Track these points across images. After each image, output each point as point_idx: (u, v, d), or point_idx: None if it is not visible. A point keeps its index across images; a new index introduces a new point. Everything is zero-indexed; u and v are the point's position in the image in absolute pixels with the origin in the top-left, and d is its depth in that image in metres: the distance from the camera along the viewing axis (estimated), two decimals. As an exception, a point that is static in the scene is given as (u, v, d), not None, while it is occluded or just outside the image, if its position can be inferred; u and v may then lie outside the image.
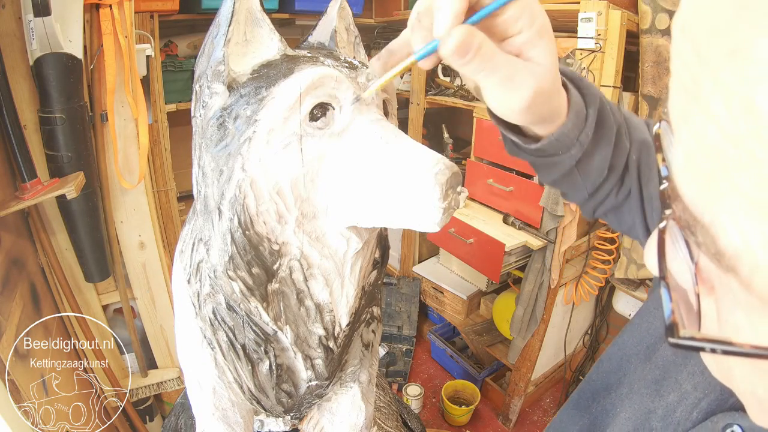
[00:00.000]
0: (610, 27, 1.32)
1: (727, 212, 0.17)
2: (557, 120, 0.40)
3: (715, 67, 0.17)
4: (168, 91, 1.63)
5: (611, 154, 0.44)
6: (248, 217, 0.42)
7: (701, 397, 0.37)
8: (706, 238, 0.19)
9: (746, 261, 0.17)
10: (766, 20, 0.15)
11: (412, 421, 0.97)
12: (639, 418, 0.41)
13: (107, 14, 1.13)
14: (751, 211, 0.16)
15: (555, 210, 1.49)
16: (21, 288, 1.06)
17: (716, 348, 0.19)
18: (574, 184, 0.46)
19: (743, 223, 0.17)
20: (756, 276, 0.17)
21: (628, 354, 0.47)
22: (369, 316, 0.62)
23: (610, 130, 0.44)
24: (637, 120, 0.48)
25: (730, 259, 0.18)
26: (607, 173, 0.45)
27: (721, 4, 0.17)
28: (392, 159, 0.40)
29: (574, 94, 0.40)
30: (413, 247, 2.28)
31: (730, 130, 0.16)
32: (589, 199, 0.49)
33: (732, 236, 0.17)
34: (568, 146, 0.41)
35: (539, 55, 0.34)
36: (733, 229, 0.17)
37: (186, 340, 0.55)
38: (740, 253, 0.17)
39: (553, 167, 0.44)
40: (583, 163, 0.44)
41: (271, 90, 0.41)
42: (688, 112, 0.19)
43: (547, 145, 0.41)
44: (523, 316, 1.70)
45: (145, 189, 1.37)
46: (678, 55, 0.20)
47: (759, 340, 0.19)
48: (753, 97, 0.15)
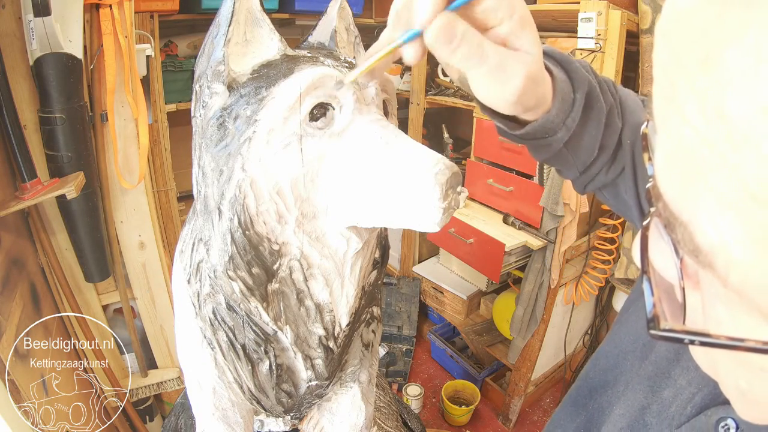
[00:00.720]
0: (610, 27, 1.32)
1: (703, 211, 0.18)
2: (542, 107, 0.40)
3: (690, 72, 0.18)
4: (168, 91, 1.63)
5: (601, 134, 0.45)
6: (248, 217, 0.42)
7: (695, 392, 0.37)
8: (684, 236, 0.20)
9: (722, 257, 0.18)
10: (735, 31, 0.16)
11: (412, 421, 0.97)
12: (633, 414, 0.41)
13: (107, 14, 1.13)
14: (725, 210, 0.17)
15: (555, 210, 1.49)
16: (21, 288, 1.06)
17: (694, 339, 0.20)
18: (566, 162, 0.47)
19: (718, 221, 0.17)
20: (731, 271, 0.18)
21: (625, 351, 0.47)
22: (369, 316, 0.62)
23: (599, 112, 0.44)
24: (634, 102, 0.48)
25: (707, 255, 0.19)
26: (598, 152, 0.46)
27: (696, 13, 0.18)
28: (392, 159, 0.40)
29: (561, 80, 0.40)
30: (413, 247, 2.28)
31: (704, 134, 0.17)
32: (581, 176, 0.49)
33: (708, 234, 0.18)
34: (554, 130, 0.42)
35: (525, 44, 0.34)
36: (709, 226, 0.18)
37: (186, 340, 0.55)
38: (716, 249, 0.18)
39: (541, 149, 0.45)
40: (572, 143, 0.44)
41: (271, 90, 0.41)
42: (667, 115, 0.20)
43: (531, 131, 0.41)
44: (523, 316, 1.70)
45: (145, 189, 1.37)
46: (658, 60, 0.20)
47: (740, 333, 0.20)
48: (723, 103, 0.16)
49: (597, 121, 0.44)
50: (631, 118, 0.47)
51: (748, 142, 0.15)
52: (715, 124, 0.16)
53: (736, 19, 0.16)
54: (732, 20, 0.16)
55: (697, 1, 0.18)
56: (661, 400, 0.40)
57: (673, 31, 0.19)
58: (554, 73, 0.40)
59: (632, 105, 0.48)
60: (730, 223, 0.17)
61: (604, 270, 1.63)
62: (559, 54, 0.42)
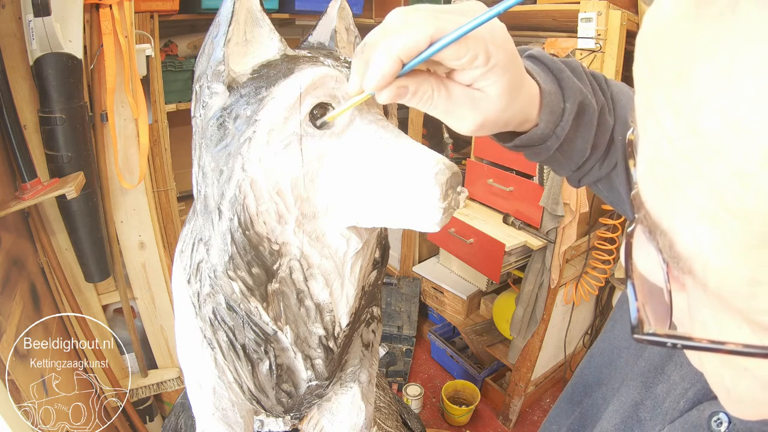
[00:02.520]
0: (610, 27, 1.32)
1: (681, 219, 0.19)
2: (528, 122, 0.41)
3: (665, 86, 0.18)
4: (168, 91, 1.63)
5: (593, 135, 0.45)
6: (248, 217, 0.42)
7: (688, 387, 0.38)
8: (665, 243, 0.20)
9: (700, 263, 0.19)
10: (707, 47, 0.16)
11: (412, 421, 0.97)
12: (627, 410, 0.41)
13: (107, 14, 1.13)
14: (701, 219, 0.18)
15: (555, 210, 1.49)
16: (21, 288, 1.06)
17: (677, 343, 0.20)
18: (559, 163, 0.47)
19: (695, 229, 0.18)
20: (709, 277, 0.19)
21: (619, 348, 0.48)
22: (369, 316, 0.62)
23: (591, 116, 0.44)
24: (626, 97, 0.48)
25: (686, 261, 0.20)
26: (590, 151, 0.46)
27: (671, 28, 0.18)
28: (392, 159, 0.40)
29: (549, 92, 0.41)
30: (413, 247, 2.28)
31: (679, 146, 0.18)
32: (574, 173, 0.50)
33: (686, 241, 0.19)
34: (543, 140, 0.42)
35: (488, 86, 0.35)
36: (687, 234, 0.19)
37: (186, 340, 0.55)
38: (694, 256, 0.19)
39: (532, 155, 0.45)
40: (563, 148, 0.44)
41: (271, 90, 0.41)
42: (646, 125, 0.20)
43: (519, 143, 0.43)
44: (523, 316, 1.70)
45: (145, 189, 1.37)
46: (638, 71, 0.21)
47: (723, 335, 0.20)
48: (696, 117, 0.17)
49: (589, 124, 0.44)
50: (623, 113, 0.47)
51: (719, 156, 0.16)
52: (689, 137, 0.17)
53: (709, 36, 0.16)
54: (705, 36, 0.16)
55: (673, 16, 0.18)
56: (654, 396, 0.40)
57: (650, 44, 0.20)
58: (542, 86, 0.40)
59: (624, 100, 0.48)
60: (706, 231, 0.18)
61: (604, 270, 1.63)
62: (551, 62, 0.42)
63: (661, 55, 0.19)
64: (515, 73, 0.36)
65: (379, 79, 0.33)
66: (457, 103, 0.36)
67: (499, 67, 0.34)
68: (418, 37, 0.32)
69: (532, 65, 0.42)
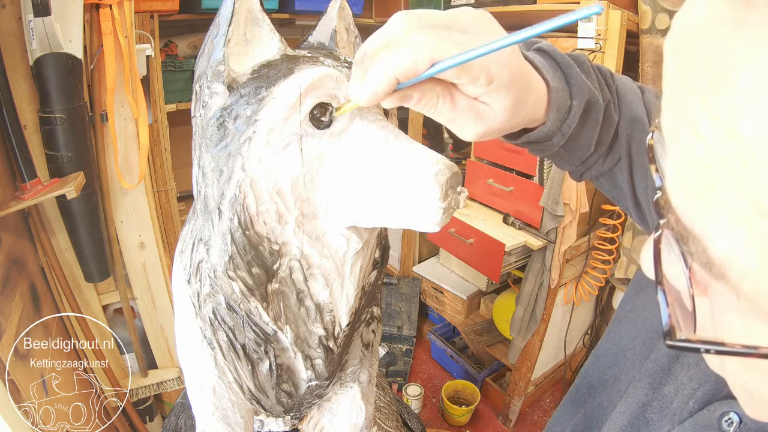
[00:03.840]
0: (610, 27, 1.31)
1: (715, 224, 0.19)
2: (535, 121, 0.41)
3: (700, 91, 0.18)
4: (168, 91, 1.62)
5: (598, 131, 0.45)
6: (248, 217, 0.42)
7: (697, 387, 0.37)
8: (697, 248, 0.20)
9: (734, 269, 0.19)
10: (748, 54, 0.16)
11: (412, 421, 0.97)
12: (634, 411, 0.41)
13: (107, 14, 1.13)
14: (736, 223, 0.18)
15: (555, 210, 1.49)
16: (21, 288, 1.06)
17: (710, 348, 0.20)
18: (562, 158, 0.47)
19: (730, 234, 0.18)
20: (743, 282, 0.19)
21: (624, 349, 0.47)
22: (369, 316, 0.62)
23: (597, 113, 0.44)
24: (631, 93, 0.48)
25: (720, 267, 0.19)
26: (595, 147, 0.46)
27: (707, 33, 0.18)
28: (392, 159, 0.40)
29: (557, 89, 0.40)
30: (413, 247, 2.28)
31: (716, 151, 0.18)
32: (577, 168, 0.50)
33: (720, 246, 0.19)
34: (549, 137, 0.42)
35: (493, 102, 0.35)
36: (720, 239, 0.19)
37: (186, 340, 0.55)
38: (728, 261, 0.19)
39: (537, 151, 0.45)
40: (569, 144, 0.44)
41: (271, 90, 0.41)
42: (678, 129, 0.20)
43: (525, 141, 0.42)
44: (523, 316, 1.70)
45: (145, 189, 1.37)
46: (668, 75, 0.21)
47: (750, 340, 0.20)
48: (737, 124, 0.17)
49: (594, 120, 0.44)
50: (627, 109, 0.47)
51: (758, 161, 0.16)
52: (726, 142, 0.17)
53: (750, 42, 0.16)
54: (745, 44, 0.17)
55: (708, 22, 0.18)
56: (662, 397, 0.40)
57: (682, 49, 0.20)
58: (550, 83, 0.40)
59: (629, 95, 0.48)
60: (741, 236, 0.18)
61: (604, 270, 1.63)
62: (560, 57, 0.42)
63: (696, 60, 0.19)
64: (521, 89, 0.36)
65: (373, 96, 0.33)
66: (462, 113, 0.35)
67: (502, 87, 0.34)
68: (417, 58, 0.31)
69: (541, 59, 0.41)
